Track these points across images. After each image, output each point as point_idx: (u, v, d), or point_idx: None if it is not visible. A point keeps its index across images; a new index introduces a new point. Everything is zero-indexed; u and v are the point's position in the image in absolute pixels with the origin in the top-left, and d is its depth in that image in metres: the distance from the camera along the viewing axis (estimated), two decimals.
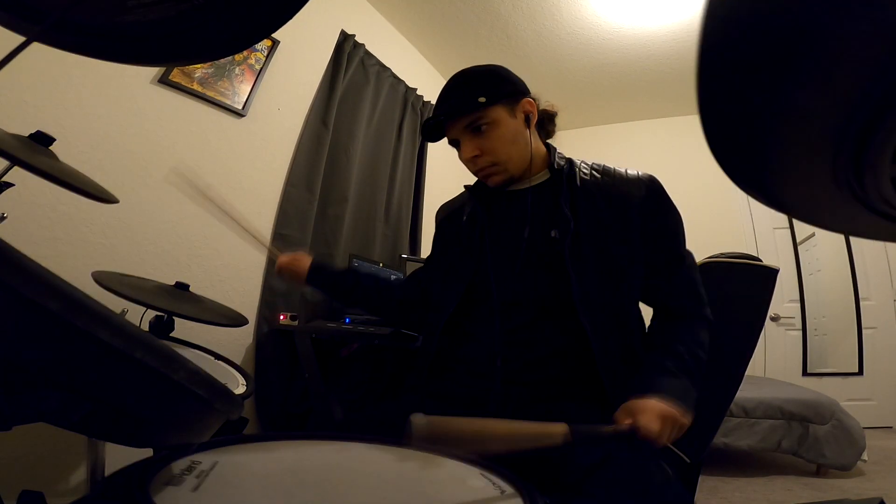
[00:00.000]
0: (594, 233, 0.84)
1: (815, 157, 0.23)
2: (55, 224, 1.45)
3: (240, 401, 0.37)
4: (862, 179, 0.22)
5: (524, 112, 0.90)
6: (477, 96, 0.84)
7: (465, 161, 0.91)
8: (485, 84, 0.87)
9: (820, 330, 3.58)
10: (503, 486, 0.52)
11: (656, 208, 0.88)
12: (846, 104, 0.19)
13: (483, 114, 0.85)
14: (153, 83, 1.75)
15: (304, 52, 2.33)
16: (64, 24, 0.36)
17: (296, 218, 2.21)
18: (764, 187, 0.27)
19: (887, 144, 0.20)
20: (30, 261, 0.21)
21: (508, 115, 0.88)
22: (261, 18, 0.37)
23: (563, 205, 0.86)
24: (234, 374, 1.20)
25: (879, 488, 2.15)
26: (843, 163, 0.21)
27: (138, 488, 0.40)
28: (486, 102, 0.84)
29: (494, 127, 0.86)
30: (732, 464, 2.40)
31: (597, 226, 0.85)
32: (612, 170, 0.92)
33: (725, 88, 0.21)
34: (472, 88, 0.86)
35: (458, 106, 0.86)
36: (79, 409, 0.27)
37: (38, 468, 1.35)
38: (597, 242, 0.84)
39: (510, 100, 0.88)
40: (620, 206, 0.87)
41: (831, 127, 0.21)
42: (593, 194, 0.88)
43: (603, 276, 0.83)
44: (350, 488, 0.49)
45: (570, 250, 0.83)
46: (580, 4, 2.73)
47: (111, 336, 0.24)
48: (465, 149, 0.88)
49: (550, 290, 0.84)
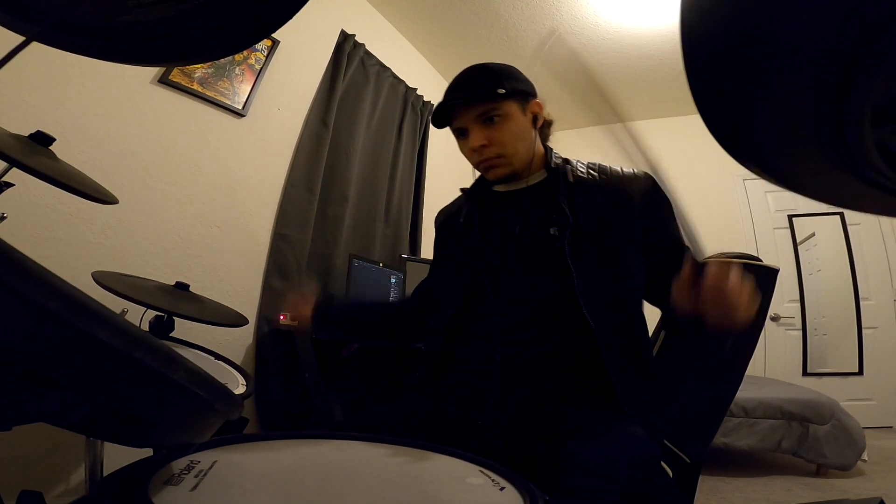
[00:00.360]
0: (593, 229, 0.85)
1: (800, 121, 0.24)
2: (55, 224, 1.45)
3: (240, 401, 0.37)
4: (845, 141, 0.23)
5: (532, 112, 0.92)
6: (496, 87, 0.86)
7: (470, 149, 0.91)
8: (505, 77, 0.89)
9: (820, 330, 3.58)
10: (502, 483, 0.52)
11: (658, 201, 0.88)
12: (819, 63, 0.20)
13: (499, 105, 0.87)
14: (153, 83, 1.75)
15: (305, 52, 2.33)
16: (64, 24, 0.36)
17: (296, 218, 2.21)
18: (755, 155, 0.28)
19: (864, 102, 0.20)
20: (30, 261, 0.21)
21: (520, 111, 0.90)
22: (261, 18, 0.37)
23: (560, 201, 0.87)
24: (234, 374, 1.20)
25: (879, 488, 2.15)
26: (825, 124, 0.22)
27: (137, 488, 0.40)
28: (505, 95, 0.86)
29: (506, 120, 0.88)
30: (732, 464, 2.40)
31: (596, 222, 0.86)
32: (608, 168, 0.94)
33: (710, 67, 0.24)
34: (493, 79, 0.88)
35: (478, 93, 0.88)
36: (78, 410, 0.27)
37: (37, 468, 1.35)
38: (597, 238, 0.85)
39: (523, 97, 0.90)
40: (620, 201, 0.87)
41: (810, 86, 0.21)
42: (591, 191, 0.89)
43: (604, 271, 0.83)
44: (349, 487, 0.49)
45: (570, 246, 0.84)
46: (580, 5, 2.73)
47: (111, 336, 0.24)
48: (474, 137, 0.89)
49: (552, 288, 0.85)
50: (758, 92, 0.23)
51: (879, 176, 0.25)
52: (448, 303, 0.93)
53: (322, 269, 2.36)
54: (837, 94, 0.20)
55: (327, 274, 2.38)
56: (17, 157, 0.81)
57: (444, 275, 1.01)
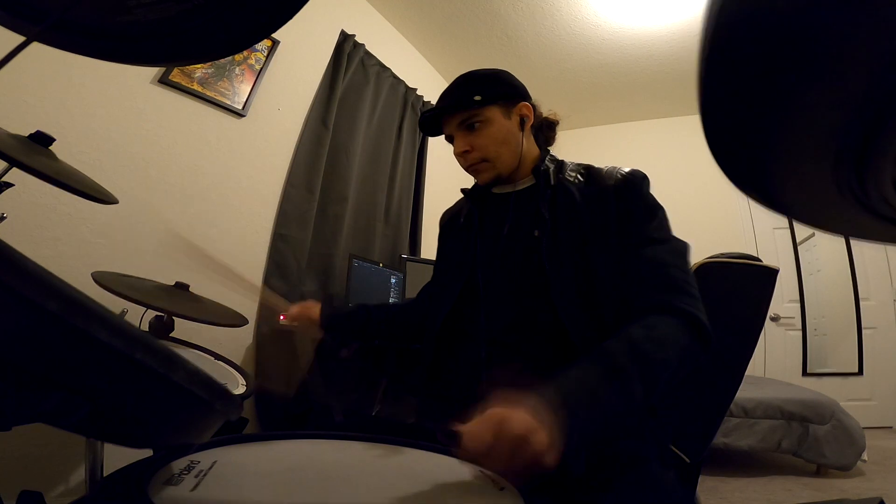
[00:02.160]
0: (571, 232, 0.85)
1: (818, 160, 0.23)
2: (55, 224, 1.45)
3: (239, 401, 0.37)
4: (864, 183, 0.22)
5: (520, 115, 0.92)
6: (473, 95, 0.88)
7: (456, 156, 0.94)
8: (482, 84, 0.90)
9: (820, 330, 3.58)
10: (502, 483, 0.52)
11: (627, 194, 0.84)
12: (850, 105, 0.19)
13: (477, 112, 0.89)
14: (153, 83, 1.75)
15: (304, 52, 2.33)
16: (64, 24, 0.36)
17: (296, 218, 2.21)
18: (765, 190, 0.27)
19: (890, 146, 0.20)
20: (29, 261, 0.21)
21: (503, 115, 0.91)
22: (261, 18, 0.37)
23: (541, 206, 0.88)
24: (234, 374, 1.20)
25: (879, 488, 2.15)
26: (846, 165, 0.21)
27: (137, 488, 0.40)
28: (481, 101, 0.88)
29: (487, 125, 0.89)
30: (732, 464, 2.40)
31: (575, 225, 0.85)
32: (593, 168, 0.92)
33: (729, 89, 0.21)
34: (470, 87, 0.90)
35: (454, 103, 0.91)
36: (78, 410, 0.27)
37: (36, 468, 1.35)
38: (573, 242, 0.84)
39: (506, 101, 0.91)
40: (597, 200, 0.86)
41: (834, 129, 0.20)
42: (572, 194, 0.88)
43: (579, 275, 0.81)
44: (348, 486, 0.49)
45: (547, 250, 0.84)
46: (580, 4, 2.73)
47: (110, 336, 0.24)
48: (457, 144, 0.92)
49: (531, 290, 0.85)
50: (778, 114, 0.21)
51: (893, 211, 0.24)
52: (444, 302, 0.94)
53: (322, 269, 2.36)
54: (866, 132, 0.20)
55: (327, 274, 2.38)
56: (16, 157, 0.81)
57: (443, 275, 1.02)
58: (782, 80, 0.19)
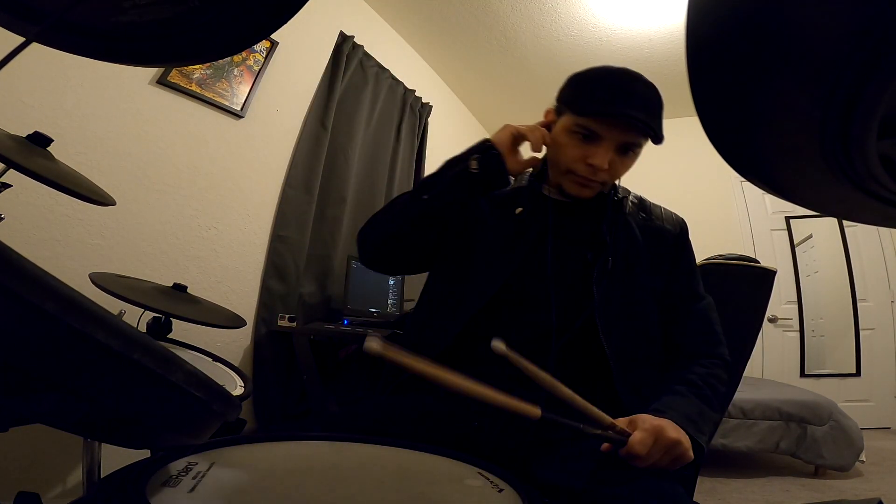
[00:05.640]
0: (627, 261, 0.85)
1: (804, 133, 0.24)
2: (53, 225, 1.45)
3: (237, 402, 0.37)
4: (850, 154, 0.22)
5: None
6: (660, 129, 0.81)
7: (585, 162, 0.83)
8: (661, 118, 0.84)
9: (817, 331, 3.59)
10: (501, 485, 0.52)
11: (684, 245, 0.91)
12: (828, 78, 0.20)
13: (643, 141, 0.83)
14: (151, 84, 1.75)
15: (303, 54, 2.33)
16: (63, 24, 0.36)
17: (294, 219, 2.21)
18: (765, 174, 0.28)
19: (871, 116, 0.20)
20: (27, 262, 0.21)
21: None
22: (259, 19, 0.37)
23: (604, 230, 0.87)
24: (231, 375, 1.20)
25: (877, 489, 2.15)
26: (831, 136, 0.22)
27: (134, 489, 0.40)
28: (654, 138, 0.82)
29: (635, 157, 0.85)
30: (730, 465, 2.40)
31: (632, 260, 0.86)
32: (646, 202, 0.95)
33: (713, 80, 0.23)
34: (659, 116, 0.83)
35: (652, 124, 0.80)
36: (75, 411, 0.27)
37: (34, 469, 1.35)
38: (628, 271, 0.85)
39: None
40: (657, 243, 0.89)
41: (817, 100, 0.21)
42: (632, 227, 0.89)
43: (627, 305, 0.84)
44: (348, 488, 0.49)
45: (598, 273, 0.83)
46: (578, 6, 2.73)
47: (108, 337, 0.24)
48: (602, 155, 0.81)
49: (575, 309, 0.83)
50: (763, 98, 0.23)
51: (882, 188, 0.24)
52: (473, 297, 0.86)
53: (320, 271, 2.36)
54: (846, 105, 0.20)
55: (325, 275, 2.38)
56: (14, 159, 0.81)
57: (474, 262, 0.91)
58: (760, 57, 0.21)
